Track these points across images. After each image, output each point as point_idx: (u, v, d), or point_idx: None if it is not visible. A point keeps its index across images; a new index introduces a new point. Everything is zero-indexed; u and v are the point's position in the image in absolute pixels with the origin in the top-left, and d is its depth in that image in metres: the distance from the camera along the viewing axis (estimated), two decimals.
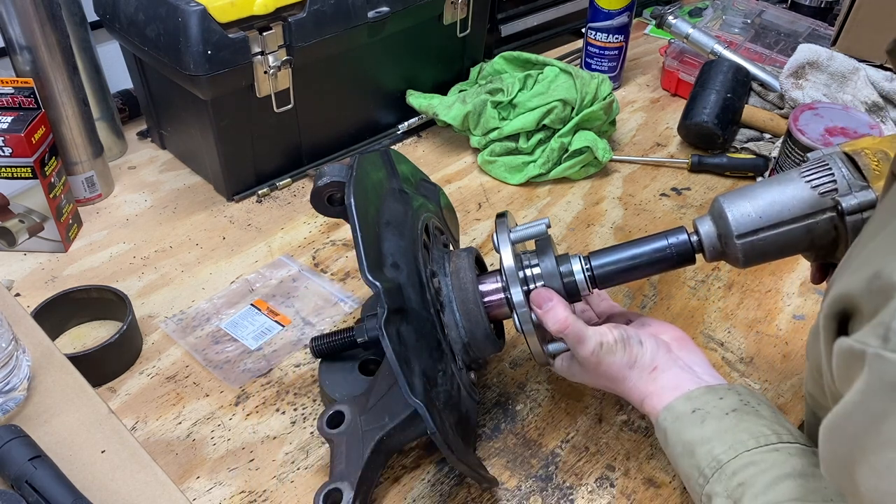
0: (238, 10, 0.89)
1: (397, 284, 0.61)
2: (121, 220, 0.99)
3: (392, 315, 0.57)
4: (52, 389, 0.64)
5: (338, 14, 0.96)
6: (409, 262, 0.64)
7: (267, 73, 0.94)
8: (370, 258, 0.59)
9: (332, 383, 0.73)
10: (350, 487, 0.60)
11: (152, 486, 0.58)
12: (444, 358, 0.63)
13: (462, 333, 0.66)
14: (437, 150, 1.13)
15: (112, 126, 1.08)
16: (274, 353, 0.80)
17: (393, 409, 0.63)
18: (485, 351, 0.67)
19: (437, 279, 0.67)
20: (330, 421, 0.65)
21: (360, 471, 0.61)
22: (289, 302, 0.86)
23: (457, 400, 0.64)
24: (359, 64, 1.06)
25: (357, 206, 0.61)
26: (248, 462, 0.69)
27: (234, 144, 0.98)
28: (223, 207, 1.02)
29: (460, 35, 1.16)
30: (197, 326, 0.83)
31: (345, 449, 0.63)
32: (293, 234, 0.97)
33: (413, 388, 0.56)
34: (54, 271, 0.90)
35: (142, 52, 0.95)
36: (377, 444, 0.62)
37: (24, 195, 0.88)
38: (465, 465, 0.59)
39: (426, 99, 1.12)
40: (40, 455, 0.56)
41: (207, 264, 0.92)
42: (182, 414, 0.74)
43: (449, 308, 0.66)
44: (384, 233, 0.64)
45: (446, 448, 0.57)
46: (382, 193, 0.69)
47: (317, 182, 0.67)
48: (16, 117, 0.86)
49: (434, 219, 0.74)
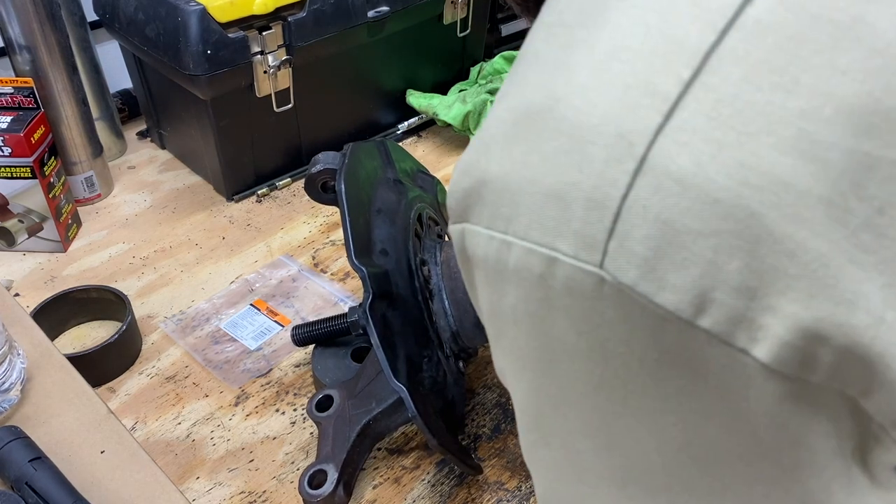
0: (238, 10, 0.89)
1: (384, 270, 0.62)
2: (120, 220, 0.99)
3: (377, 300, 0.58)
4: (51, 390, 0.64)
5: (337, 13, 0.96)
6: (398, 249, 0.64)
7: (267, 72, 0.93)
8: (358, 244, 0.61)
9: (324, 369, 0.74)
10: (335, 469, 0.61)
11: (152, 486, 0.58)
12: (430, 345, 0.64)
13: (451, 322, 0.66)
14: (437, 150, 1.13)
15: (111, 126, 1.08)
16: (274, 353, 0.80)
17: (380, 395, 0.64)
18: (474, 340, 0.68)
19: (426, 267, 0.68)
20: (319, 405, 0.66)
21: (346, 453, 0.62)
22: (288, 302, 0.86)
23: (442, 386, 0.65)
24: (359, 64, 1.06)
25: (347, 193, 0.62)
26: (248, 462, 0.69)
27: (233, 144, 0.98)
28: (223, 207, 1.02)
29: (460, 35, 1.16)
30: (196, 326, 0.83)
31: (332, 432, 0.64)
32: (293, 234, 0.97)
33: (396, 372, 0.57)
34: (53, 271, 0.90)
35: (141, 51, 0.95)
36: (363, 428, 0.63)
37: (24, 195, 0.88)
38: (445, 450, 0.59)
39: (426, 99, 1.12)
40: (40, 457, 0.56)
41: (207, 264, 0.92)
42: (182, 414, 0.74)
43: (438, 297, 0.66)
44: (375, 220, 0.65)
45: (427, 432, 0.57)
46: (375, 182, 0.69)
47: (310, 169, 0.68)
48: (15, 117, 0.86)
49: (428, 209, 0.74)
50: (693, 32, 0.26)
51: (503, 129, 0.29)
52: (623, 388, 0.29)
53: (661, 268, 0.25)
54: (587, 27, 0.28)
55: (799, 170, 0.24)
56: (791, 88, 0.25)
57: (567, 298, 0.27)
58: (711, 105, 0.25)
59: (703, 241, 0.25)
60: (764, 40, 0.25)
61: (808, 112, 0.25)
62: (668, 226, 0.25)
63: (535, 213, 0.27)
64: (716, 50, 0.26)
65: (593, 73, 0.27)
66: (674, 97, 0.25)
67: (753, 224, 0.24)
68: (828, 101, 0.25)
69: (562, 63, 0.28)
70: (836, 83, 0.25)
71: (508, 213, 0.28)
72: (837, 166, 0.25)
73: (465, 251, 0.32)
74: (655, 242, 0.25)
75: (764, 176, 0.24)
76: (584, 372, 0.29)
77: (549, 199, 0.27)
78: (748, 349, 0.25)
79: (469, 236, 0.31)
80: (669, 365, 0.27)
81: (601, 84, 0.27)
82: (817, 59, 0.25)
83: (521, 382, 0.33)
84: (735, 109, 0.25)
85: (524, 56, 0.31)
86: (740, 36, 0.25)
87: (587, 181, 0.26)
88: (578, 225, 0.26)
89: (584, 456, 0.33)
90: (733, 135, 0.25)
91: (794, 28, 0.25)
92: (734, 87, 0.25)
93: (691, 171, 0.25)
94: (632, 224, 0.25)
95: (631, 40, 0.27)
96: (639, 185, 0.25)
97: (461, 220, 0.32)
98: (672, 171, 0.25)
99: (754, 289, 0.25)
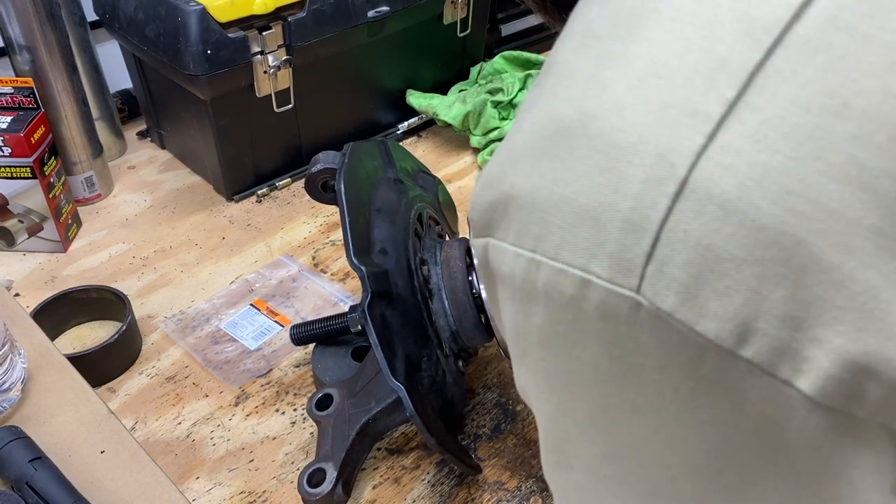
0: (238, 10, 0.89)
1: (383, 270, 0.62)
2: (120, 220, 0.99)
3: (376, 299, 0.59)
4: (51, 390, 0.64)
5: (338, 13, 0.96)
6: (398, 248, 0.65)
7: (267, 72, 0.93)
8: (357, 243, 0.61)
9: (324, 368, 0.74)
10: (333, 468, 0.61)
11: (152, 486, 0.58)
12: (429, 344, 0.64)
13: (451, 321, 0.66)
14: (437, 150, 1.13)
15: (111, 126, 1.08)
16: (273, 353, 0.80)
17: (379, 394, 0.64)
18: (474, 340, 0.68)
19: (426, 267, 0.68)
20: (318, 403, 0.66)
21: (345, 452, 0.62)
22: (288, 302, 0.86)
23: (441, 386, 0.65)
24: (359, 63, 1.06)
25: (347, 192, 0.62)
26: (248, 462, 0.69)
27: (233, 144, 0.98)
28: (223, 207, 1.02)
29: (460, 34, 1.16)
30: (196, 327, 0.83)
31: (331, 431, 0.64)
32: (293, 234, 0.97)
33: (395, 371, 0.57)
34: (54, 271, 0.90)
35: (141, 51, 0.95)
36: (362, 427, 0.63)
37: (24, 195, 0.88)
38: (443, 449, 0.59)
39: (426, 99, 1.12)
40: (40, 457, 0.56)
41: (207, 264, 0.92)
42: (182, 414, 0.74)
43: (438, 296, 0.66)
44: (375, 220, 0.65)
45: (425, 431, 0.57)
46: (376, 181, 0.70)
47: (310, 168, 0.68)
48: (15, 117, 0.86)
49: (429, 209, 0.74)
50: (737, 50, 0.25)
51: (531, 142, 0.28)
52: (656, 416, 0.28)
53: (702, 295, 0.25)
54: (622, 40, 0.27)
55: (848, 197, 0.24)
56: (841, 112, 0.24)
57: (600, 322, 0.27)
58: (757, 127, 0.24)
59: (746, 269, 0.24)
60: (813, 60, 0.24)
61: (859, 137, 0.24)
62: (711, 252, 0.24)
63: (567, 232, 0.26)
64: (762, 69, 0.24)
65: (630, 89, 0.26)
66: (717, 118, 0.24)
67: (800, 252, 0.24)
68: (881, 127, 0.24)
69: (595, 77, 0.27)
70: (889, 108, 0.24)
71: (538, 232, 0.27)
72: (889, 195, 0.24)
73: (489, 265, 0.31)
74: (697, 269, 0.24)
75: (811, 203, 0.24)
76: (616, 398, 0.29)
77: (582, 218, 0.26)
78: (792, 381, 0.25)
79: (493, 251, 0.30)
80: (706, 394, 0.26)
81: (638, 101, 0.26)
82: (870, 82, 0.24)
83: (546, 404, 0.33)
84: (782, 132, 0.24)
85: (553, 66, 0.30)
86: (788, 55, 0.24)
87: (624, 202, 0.25)
88: (614, 247, 0.25)
89: (609, 481, 0.32)
90: (780, 159, 0.24)
91: (845, 48, 0.24)
92: (781, 108, 0.24)
93: (735, 196, 0.24)
94: (672, 249, 0.25)
95: (670, 56, 0.26)
96: (680, 208, 0.24)
97: (485, 235, 0.30)
98: (715, 195, 0.24)
99: (800, 319, 0.24)
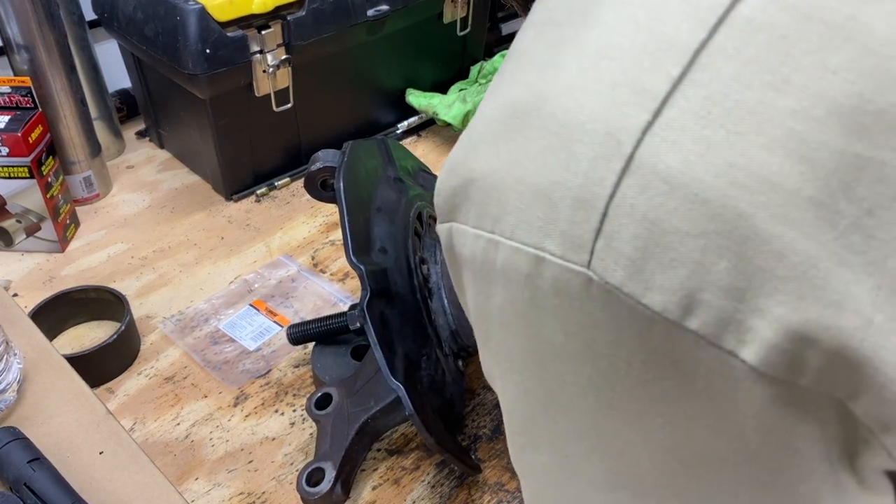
0: (237, 9, 0.88)
1: (383, 269, 0.62)
2: (119, 220, 0.99)
3: (376, 298, 0.59)
4: (49, 390, 0.64)
5: (337, 12, 0.96)
6: (397, 247, 0.64)
7: (266, 71, 0.93)
8: (356, 242, 0.61)
9: (324, 367, 0.73)
10: (332, 467, 0.61)
11: (151, 487, 0.57)
12: (428, 343, 0.64)
13: (450, 320, 0.66)
14: (436, 150, 1.13)
15: (110, 125, 1.08)
16: (273, 353, 0.80)
17: (378, 393, 0.64)
18: (473, 339, 0.68)
19: (426, 266, 0.67)
20: (318, 403, 0.66)
21: (344, 451, 0.62)
22: (288, 302, 0.86)
23: (441, 385, 0.64)
24: (358, 63, 1.05)
25: (346, 191, 0.62)
26: (247, 463, 0.69)
27: (232, 144, 0.98)
28: (222, 207, 1.01)
29: (460, 34, 1.15)
30: (195, 327, 0.83)
31: (330, 430, 0.64)
32: (292, 234, 0.97)
33: (394, 370, 0.57)
34: (52, 271, 0.90)
35: (140, 51, 0.95)
36: (362, 427, 0.63)
37: (22, 195, 0.88)
38: (442, 449, 0.59)
39: (426, 98, 1.12)
40: (39, 458, 0.55)
41: (206, 264, 0.92)
42: (180, 415, 0.73)
43: (437, 295, 0.66)
44: (374, 218, 0.65)
45: (424, 430, 0.57)
46: (376, 180, 0.69)
47: (310, 167, 0.68)
48: (13, 117, 0.85)
49: (429, 207, 0.74)
50: (683, 30, 0.26)
51: (491, 127, 0.29)
52: (611, 391, 0.28)
53: (648, 268, 0.25)
54: (576, 25, 0.28)
55: (788, 170, 0.24)
56: (781, 88, 0.25)
57: (555, 299, 0.27)
58: (700, 103, 0.25)
59: (690, 242, 0.24)
60: (755, 38, 0.25)
61: (798, 112, 0.24)
62: (656, 226, 0.25)
63: (523, 212, 0.27)
64: (706, 47, 0.25)
65: (581, 71, 0.27)
66: (662, 95, 0.25)
67: (741, 224, 0.24)
68: (818, 101, 0.24)
69: (550, 62, 0.28)
70: (827, 83, 0.24)
71: (496, 213, 0.28)
72: (827, 167, 0.24)
73: (453, 250, 0.32)
74: (643, 242, 0.25)
75: (752, 176, 0.24)
76: (572, 374, 0.29)
77: (536, 198, 0.27)
78: (736, 351, 0.25)
79: (456, 235, 0.31)
80: (657, 367, 0.27)
81: (589, 82, 0.26)
82: (808, 59, 0.25)
83: (509, 385, 0.33)
84: (724, 108, 0.25)
85: (512, 55, 0.31)
86: (731, 33, 0.25)
87: (574, 180, 0.26)
88: (566, 225, 0.26)
89: (573, 460, 0.32)
90: (722, 133, 0.24)
91: (785, 27, 0.25)
92: (724, 85, 0.25)
93: (679, 171, 0.24)
94: (619, 224, 0.25)
95: (620, 38, 0.26)
96: (626, 184, 0.25)
97: (448, 220, 0.31)
98: (660, 170, 0.25)
99: (742, 290, 0.24)
